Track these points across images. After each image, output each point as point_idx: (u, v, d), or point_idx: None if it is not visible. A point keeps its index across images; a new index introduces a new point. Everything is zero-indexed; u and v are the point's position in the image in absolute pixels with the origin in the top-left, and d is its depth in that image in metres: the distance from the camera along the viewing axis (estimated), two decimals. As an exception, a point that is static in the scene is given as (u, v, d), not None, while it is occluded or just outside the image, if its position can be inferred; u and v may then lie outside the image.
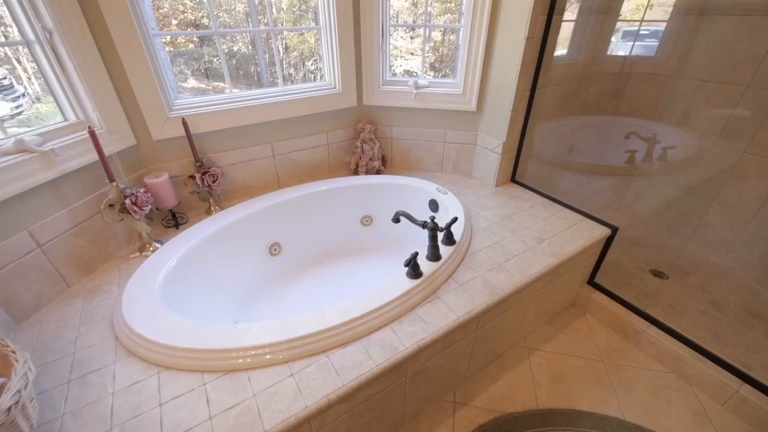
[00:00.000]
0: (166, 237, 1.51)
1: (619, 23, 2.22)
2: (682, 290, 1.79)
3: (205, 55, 4.01)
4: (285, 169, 1.90)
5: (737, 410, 1.29)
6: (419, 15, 1.93)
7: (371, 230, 1.97)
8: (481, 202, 1.81)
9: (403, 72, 4.16)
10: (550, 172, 2.16)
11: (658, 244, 2.09)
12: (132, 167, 1.49)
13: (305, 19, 3.98)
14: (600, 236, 1.56)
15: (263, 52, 4.14)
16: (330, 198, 1.86)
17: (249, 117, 1.69)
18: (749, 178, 1.83)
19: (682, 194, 2.12)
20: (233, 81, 4.35)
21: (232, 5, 3.97)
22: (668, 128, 2.16)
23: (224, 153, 1.70)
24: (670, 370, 1.45)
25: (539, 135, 1.99)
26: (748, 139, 1.80)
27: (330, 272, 1.81)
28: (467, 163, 2.04)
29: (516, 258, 1.42)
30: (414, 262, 1.22)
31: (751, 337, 1.54)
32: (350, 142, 2.05)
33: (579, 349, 1.55)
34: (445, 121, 1.95)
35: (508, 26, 1.60)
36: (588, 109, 2.38)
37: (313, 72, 4.31)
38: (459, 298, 1.22)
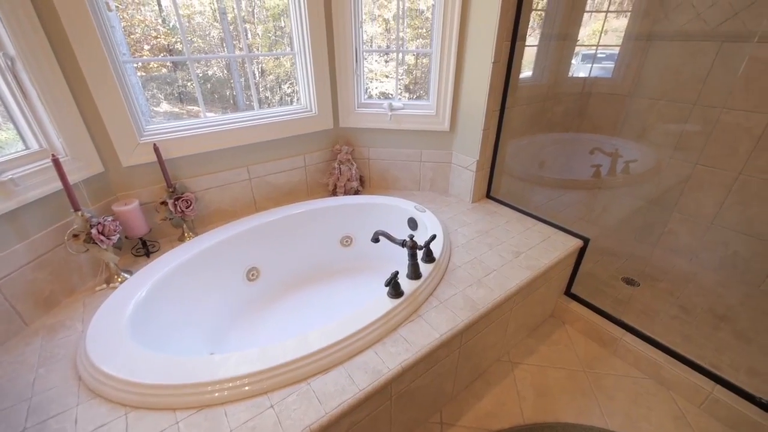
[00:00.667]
0: (135, 267, 1.44)
1: (577, 47, 2.39)
2: (653, 296, 1.86)
3: (179, 79, 3.98)
4: (262, 192, 1.88)
5: (712, 412, 1.33)
6: (392, 40, 2.01)
7: (351, 251, 1.96)
8: (459, 218, 1.84)
9: (379, 94, 4.27)
10: (523, 188, 2.24)
11: (627, 252, 2.19)
12: (99, 195, 1.43)
13: (281, 44, 4.05)
14: (573, 248, 1.61)
15: (239, 75, 4.16)
16: (308, 220, 1.84)
17: (224, 141, 1.67)
18: (703, 187, 1.97)
19: (645, 204, 2.24)
20: (208, 105, 4.33)
21: (207, 30, 4.00)
22: (628, 143, 2.30)
23: (198, 177, 1.67)
24: (648, 375, 1.49)
25: (511, 152, 2.08)
26: (699, 151, 1.94)
27: (310, 295, 1.77)
28: (443, 180, 2.09)
29: (494, 272, 1.44)
30: (394, 281, 1.22)
31: (719, 338, 1.61)
32: (328, 163, 2.06)
33: (560, 360, 1.57)
34: (421, 141, 2.01)
35: (476, 51, 1.69)
36: (554, 126, 2.52)
37: (289, 95, 4.35)
38: (441, 316, 1.22)
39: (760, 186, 1.78)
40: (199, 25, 3.87)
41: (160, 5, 3.56)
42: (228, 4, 3.47)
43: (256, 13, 4.09)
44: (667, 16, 1.98)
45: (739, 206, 1.87)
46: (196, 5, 3.73)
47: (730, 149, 1.83)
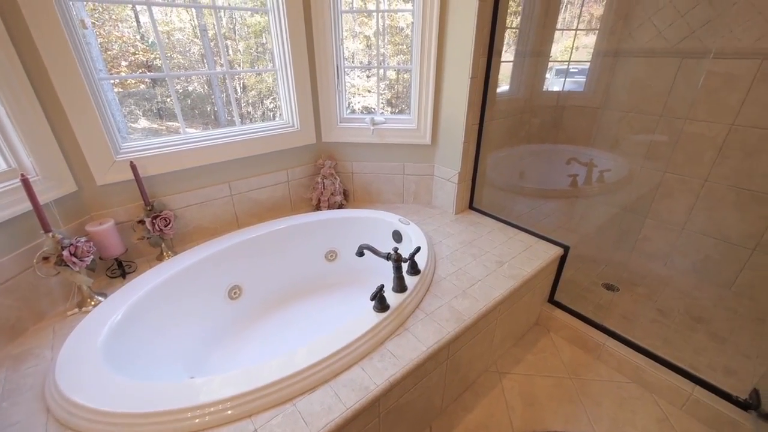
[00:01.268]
0: (110, 289, 1.39)
1: (551, 63, 2.50)
2: (632, 301, 1.92)
3: (158, 95, 3.93)
4: (244, 208, 1.85)
5: (694, 413, 1.36)
6: (374, 56, 2.06)
7: (336, 265, 1.94)
8: (443, 230, 1.86)
9: (362, 108, 4.32)
10: (505, 198, 2.29)
11: (606, 259, 2.25)
12: (72, 215, 1.38)
13: (263, 60, 4.06)
14: (554, 255, 1.65)
15: (220, 91, 4.14)
16: (292, 235, 1.82)
17: (204, 157, 1.65)
18: (673, 194, 2.06)
19: (620, 212, 2.32)
20: (188, 120, 4.27)
21: (187, 47, 3.98)
22: (602, 153, 2.40)
23: (178, 195, 1.63)
24: (631, 379, 1.52)
25: (491, 164, 2.13)
26: (667, 160, 2.04)
27: (295, 312, 1.74)
28: (427, 193, 2.11)
29: (479, 283, 1.45)
30: (380, 295, 1.21)
31: (696, 339, 1.66)
32: (311, 178, 2.05)
33: (547, 368, 1.58)
34: (403, 154, 2.03)
35: (454, 67, 1.75)
36: (532, 138, 2.60)
37: (272, 110, 4.35)
38: (427, 328, 1.22)
39: (725, 192, 1.88)
40: (179, 42, 3.85)
41: (139, 22, 3.54)
42: (209, 21, 3.48)
43: (238, 30, 4.11)
44: (631, 35, 2.10)
45: (707, 211, 1.96)
46: (175, 22, 3.72)
47: (695, 158, 1.94)
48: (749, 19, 1.67)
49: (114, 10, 3.14)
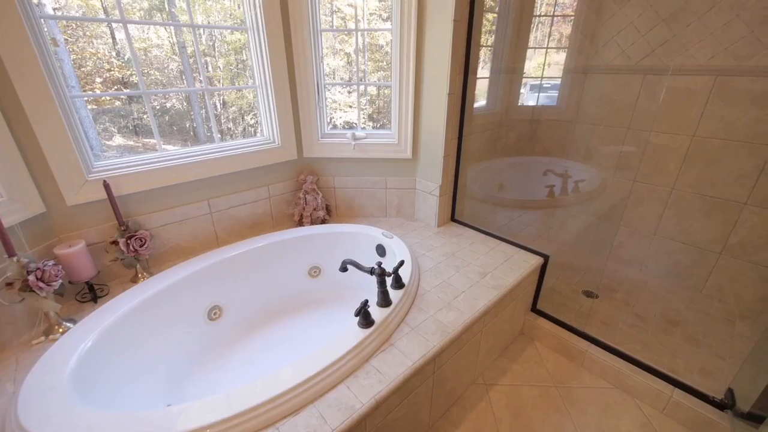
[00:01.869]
0: (80, 314, 1.32)
1: (525, 79, 2.61)
2: (611, 307, 1.97)
3: (134, 111, 3.84)
4: (224, 226, 1.82)
5: (674, 415, 1.39)
6: (355, 72, 2.10)
7: (320, 281, 1.92)
8: (426, 242, 1.87)
9: (344, 123, 4.36)
10: (485, 210, 2.34)
11: (585, 266, 2.31)
12: (40, 237, 1.31)
13: (243, 76, 4.06)
14: (535, 265, 1.68)
15: (199, 107, 4.09)
16: (274, 252, 1.79)
17: (183, 175, 1.62)
18: (644, 202, 2.15)
19: (596, 220, 2.40)
20: (166, 137, 4.19)
21: (165, 63, 3.94)
22: (576, 164, 2.49)
23: (155, 214, 1.59)
24: (614, 385, 1.54)
25: (471, 176, 2.18)
26: (636, 170, 2.14)
27: (278, 331, 1.69)
28: (409, 206, 2.13)
29: (463, 294, 1.46)
30: (364, 310, 1.20)
31: (672, 342, 1.72)
32: (293, 193, 2.04)
33: (532, 378, 1.59)
34: (385, 168, 2.05)
35: (432, 84, 1.80)
36: (510, 151, 2.68)
37: (253, 126, 4.33)
38: (413, 342, 1.21)
39: (690, 199, 1.98)
40: (157, 58, 3.81)
41: (114, 38, 3.49)
42: (187, 38, 3.47)
43: (217, 47, 4.11)
44: (597, 53, 2.23)
45: (675, 218, 2.06)
46: (153, 39, 3.69)
47: (661, 167, 2.04)
48: (702, 39, 1.80)
49: (88, 27, 3.09)
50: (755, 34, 1.66)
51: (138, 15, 3.48)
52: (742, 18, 1.68)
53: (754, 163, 1.75)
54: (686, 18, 1.84)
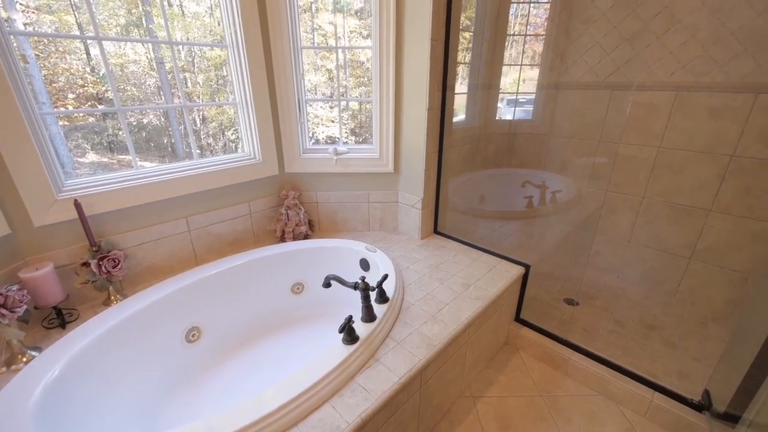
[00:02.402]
0: (47, 341, 1.24)
1: (501, 94, 2.70)
2: (592, 314, 2.01)
3: (109, 128, 3.74)
4: (203, 244, 1.77)
5: (656, 419, 1.41)
6: (336, 88, 2.14)
7: (303, 298, 1.88)
8: (409, 255, 1.88)
9: (326, 138, 4.38)
10: (467, 221, 2.37)
11: (565, 274, 2.37)
12: (3, 261, 1.24)
13: (223, 92, 4.04)
14: (517, 275, 1.71)
15: (177, 123, 4.02)
16: (256, 269, 1.75)
17: (160, 192, 1.58)
18: (617, 211, 2.24)
19: (573, 229, 2.48)
20: (143, 154, 4.08)
21: (142, 79, 3.87)
22: (553, 176, 2.58)
23: (129, 233, 1.53)
24: (597, 392, 1.56)
25: (452, 189, 2.21)
26: (608, 180, 2.23)
27: (261, 351, 1.64)
28: (392, 219, 2.14)
29: (447, 306, 1.47)
30: (349, 326, 1.19)
31: (651, 347, 1.76)
32: (275, 209, 2.02)
33: (518, 388, 1.59)
34: (367, 182, 2.06)
35: (412, 100, 1.84)
36: (489, 163, 2.75)
37: (234, 141, 4.28)
38: (398, 357, 1.20)
39: (660, 207, 2.07)
40: (134, 74, 3.75)
41: (89, 54, 3.42)
42: (166, 54, 3.44)
43: (197, 63, 4.08)
44: (567, 70, 2.34)
45: (647, 225, 2.15)
46: (130, 54, 3.63)
47: (632, 177, 2.14)
48: (662, 57, 1.93)
49: (61, 43, 3.02)
50: (709, 53, 1.79)
51: (114, 31, 3.43)
52: (697, 38, 1.81)
53: (716, 172, 1.86)
54: (646, 38, 1.96)
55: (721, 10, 1.72)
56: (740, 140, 1.76)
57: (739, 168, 1.79)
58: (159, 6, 1.51)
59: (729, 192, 1.84)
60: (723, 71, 1.77)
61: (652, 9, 1.92)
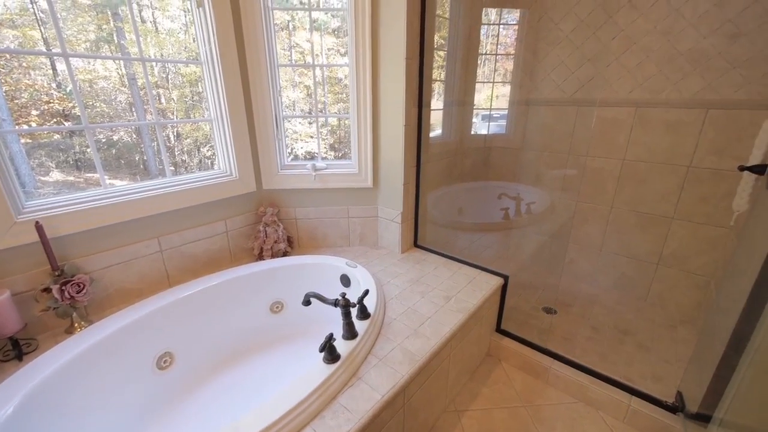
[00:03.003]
0: (1, 376, 1.15)
1: (476, 110, 2.80)
2: (569, 321, 2.06)
3: (75, 145, 3.59)
4: (176, 264, 1.70)
5: (634, 423, 1.45)
6: (314, 104, 2.15)
7: (283, 317, 1.84)
8: (390, 270, 1.88)
9: (305, 153, 4.37)
10: (446, 234, 2.40)
11: (542, 283, 2.42)
12: (-48, 290, 1.15)
13: (198, 108, 3.98)
14: (496, 285, 1.73)
15: (150, 140, 3.91)
16: (232, 289, 1.70)
17: (129, 212, 1.52)
18: (588, 220, 2.33)
19: (548, 239, 2.55)
20: (113, 171, 3.94)
21: (113, 95, 3.76)
22: (527, 188, 2.67)
23: (96, 255, 1.46)
24: (577, 399, 1.59)
25: (431, 202, 2.24)
26: (578, 191, 2.33)
27: (238, 375, 1.58)
28: (372, 234, 2.14)
29: (429, 320, 1.46)
30: (329, 344, 1.16)
31: (626, 351, 1.82)
32: (252, 227, 1.98)
33: (502, 399, 1.59)
34: (347, 197, 2.07)
35: (389, 116, 1.87)
36: (465, 177, 2.82)
37: (209, 158, 4.20)
38: (381, 374, 1.18)
39: (628, 216, 2.18)
40: (104, 90, 3.64)
41: (55, 69, 3.30)
42: (138, 70, 3.37)
43: (171, 79, 4.01)
44: (536, 87, 2.46)
45: (616, 234, 2.24)
46: (99, 70, 3.53)
47: (600, 188, 2.24)
48: (621, 76, 2.06)
49: (25, 57, 2.91)
50: (663, 72, 1.93)
51: (84, 47, 3.34)
52: (652, 59, 1.95)
53: (676, 182, 1.98)
54: (606, 58, 2.10)
55: (671, 33, 1.86)
56: (695, 152, 1.89)
57: (696, 178, 1.91)
58: (131, 22, 1.49)
59: (689, 200, 1.96)
60: (676, 89, 1.90)
61: (610, 32, 2.06)
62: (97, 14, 3.39)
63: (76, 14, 3.23)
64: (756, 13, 1.64)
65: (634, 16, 1.95)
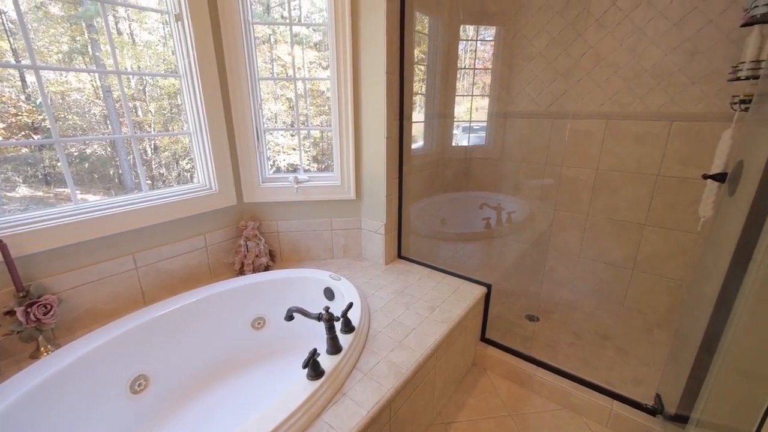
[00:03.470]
0: (-45, 407, 1.06)
1: (456, 122, 2.86)
2: (552, 328, 2.09)
3: (45, 159, 3.45)
4: (152, 282, 1.64)
5: (616, 427, 1.47)
6: (296, 116, 2.15)
7: (265, 333, 1.79)
8: (374, 281, 1.87)
9: (288, 165, 4.34)
10: (430, 244, 2.42)
11: (524, 291, 2.46)
12: None
13: (177, 120, 3.90)
14: (479, 295, 1.75)
15: (125, 154, 3.80)
16: (212, 306, 1.65)
17: (102, 229, 1.46)
18: (566, 228, 2.40)
19: (529, 247, 2.61)
20: (85, 186, 3.79)
21: (87, 108, 3.65)
22: (507, 197, 2.73)
23: (65, 274, 1.39)
24: (562, 406, 1.60)
25: (414, 213, 2.26)
26: (555, 200, 2.40)
27: (220, 395, 1.52)
28: (356, 246, 2.13)
29: (414, 332, 1.46)
30: (313, 360, 1.14)
31: (606, 356, 1.86)
32: (233, 241, 1.93)
33: (488, 409, 1.59)
34: (329, 210, 2.06)
35: (371, 128, 1.89)
36: (447, 187, 2.86)
37: (189, 171, 4.11)
38: (366, 389, 1.16)
39: (603, 223, 2.25)
40: (77, 102, 3.53)
41: (24, 81, 3.19)
42: (113, 83, 3.29)
43: (149, 91, 3.93)
44: (513, 100, 2.54)
45: (593, 241, 2.31)
46: (72, 82, 3.43)
47: (576, 197, 2.32)
48: (592, 90, 2.16)
49: (-9, 70, 2.80)
50: (630, 86, 2.04)
51: (56, 58, 3.24)
52: (619, 74, 2.05)
53: (647, 190, 2.07)
54: (577, 74, 2.20)
55: (635, 51, 1.98)
56: (663, 162, 1.99)
57: (665, 186, 2.01)
58: (106, 34, 1.46)
59: (659, 208, 2.05)
60: (643, 102, 2.01)
61: (580, 49, 2.16)
62: (70, 25, 3.31)
63: (48, 25, 3.15)
64: (710, 33, 1.76)
65: (601, 34, 2.06)
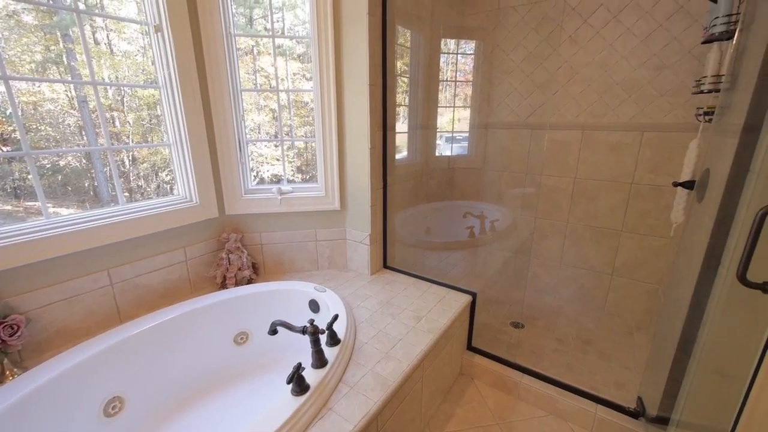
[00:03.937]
0: None
1: (439, 132, 2.91)
2: (536, 334, 2.12)
3: (14, 171, 3.30)
4: (128, 298, 1.58)
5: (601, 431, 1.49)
6: (280, 127, 2.15)
7: (248, 348, 1.74)
8: (360, 292, 1.85)
9: (272, 176, 4.29)
10: (415, 254, 2.43)
11: (509, 299, 2.49)
12: None
13: (157, 131, 3.81)
14: (465, 303, 1.76)
15: (102, 165, 3.68)
16: (192, 321, 1.60)
17: (75, 243, 1.40)
18: (547, 236, 2.45)
19: (512, 254, 2.65)
20: (58, 199, 3.64)
21: (61, 118, 3.53)
22: (490, 206, 2.78)
23: (34, 292, 1.32)
24: (548, 412, 1.62)
25: (399, 223, 2.27)
26: (536, 208, 2.46)
27: (201, 414, 1.46)
28: (341, 257, 2.12)
29: (400, 342, 1.45)
30: (297, 375, 1.11)
31: (590, 361, 1.89)
32: (214, 254, 1.89)
33: (476, 419, 1.59)
34: (314, 221, 2.04)
35: (354, 139, 1.90)
36: (431, 197, 2.89)
37: (168, 182, 4.01)
38: (352, 403, 1.14)
39: (582, 230, 2.32)
40: (50, 113, 3.41)
41: (-7, 91, 3.06)
42: (89, 92, 3.20)
43: (127, 102, 3.84)
44: (493, 112, 2.61)
45: (574, 247, 2.37)
46: (46, 92, 3.32)
47: (556, 204, 2.38)
48: (567, 102, 2.24)
49: (-43, 79, 2.68)
50: (603, 99, 2.13)
51: (28, 68, 3.14)
52: (592, 87, 2.15)
53: (622, 198, 2.15)
54: (553, 87, 2.29)
55: (607, 65, 2.07)
56: (636, 170, 2.08)
57: (639, 193, 2.09)
58: (82, 44, 1.43)
59: (634, 214, 2.13)
60: (615, 114, 2.10)
61: (555, 63, 2.25)
62: (45, 35, 3.22)
63: (20, 34, 3.05)
64: (675, 49, 1.87)
65: (574, 50, 2.16)
